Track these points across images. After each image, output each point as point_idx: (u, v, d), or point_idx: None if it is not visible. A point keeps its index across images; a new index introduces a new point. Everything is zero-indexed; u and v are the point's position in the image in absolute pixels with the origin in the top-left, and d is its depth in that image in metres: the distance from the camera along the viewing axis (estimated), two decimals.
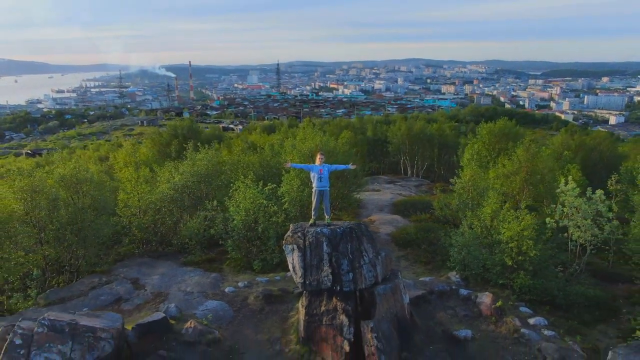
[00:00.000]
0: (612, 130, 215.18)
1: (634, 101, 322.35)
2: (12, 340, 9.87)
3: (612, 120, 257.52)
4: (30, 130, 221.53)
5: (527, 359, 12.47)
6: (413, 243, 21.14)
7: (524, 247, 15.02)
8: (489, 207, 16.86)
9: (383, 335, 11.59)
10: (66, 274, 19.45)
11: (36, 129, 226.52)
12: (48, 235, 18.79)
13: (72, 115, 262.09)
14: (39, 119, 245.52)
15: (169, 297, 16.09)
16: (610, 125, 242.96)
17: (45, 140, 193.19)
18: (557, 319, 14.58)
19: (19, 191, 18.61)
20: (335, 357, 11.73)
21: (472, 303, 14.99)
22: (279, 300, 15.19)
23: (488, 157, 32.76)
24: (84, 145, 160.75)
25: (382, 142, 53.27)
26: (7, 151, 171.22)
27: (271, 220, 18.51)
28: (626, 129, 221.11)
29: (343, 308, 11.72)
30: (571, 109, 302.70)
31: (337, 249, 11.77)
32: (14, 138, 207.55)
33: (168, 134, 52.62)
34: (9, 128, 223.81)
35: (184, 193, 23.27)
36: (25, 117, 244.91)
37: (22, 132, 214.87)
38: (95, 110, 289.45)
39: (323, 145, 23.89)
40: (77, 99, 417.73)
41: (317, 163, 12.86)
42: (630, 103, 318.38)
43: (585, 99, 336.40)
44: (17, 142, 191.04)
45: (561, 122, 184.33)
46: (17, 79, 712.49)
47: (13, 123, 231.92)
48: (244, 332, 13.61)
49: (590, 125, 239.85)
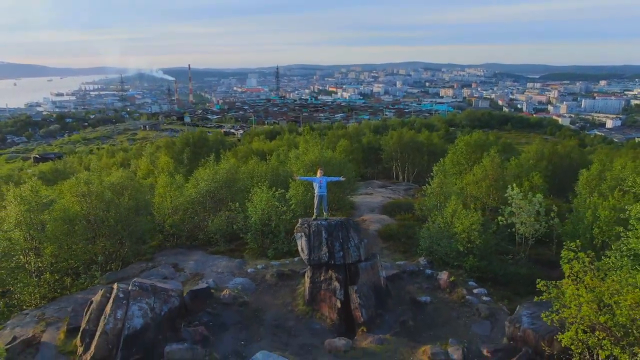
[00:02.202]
0: (609, 133, 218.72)
1: (631, 105, 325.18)
2: (117, 294, 14.89)
3: (609, 123, 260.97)
4: (32, 133, 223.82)
5: (467, 315, 17.51)
6: (394, 237, 26.23)
7: (472, 237, 20.09)
8: (450, 207, 21.90)
9: (364, 296, 16.63)
10: (117, 261, 24.47)
11: (37, 133, 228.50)
12: (104, 230, 23.81)
13: (73, 118, 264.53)
14: (39, 122, 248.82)
15: (204, 276, 21.11)
16: (607, 128, 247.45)
17: (50, 145, 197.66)
18: (496, 291, 19.60)
19: (80, 196, 23.68)
20: (331, 312, 16.74)
21: (434, 279, 20.02)
22: (289, 277, 20.21)
23: (465, 165, 37.87)
24: (90, 150, 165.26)
25: (376, 149, 58.33)
26: (15, 155, 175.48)
27: (281, 218, 23.62)
28: (622, 133, 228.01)
29: (336, 277, 16.79)
30: (568, 112, 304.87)
31: (332, 235, 16.79)
32: (16, 141, 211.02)
33: (181, 143, 57.70)
34: (10, 132, 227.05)
35: (207, 197, 28.33)
36: (26, 121, 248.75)
37: (23, 136, 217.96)
38: (96, 114, 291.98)
39: (322, 158, 28.88)
40: (77, 102, 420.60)
41: (318, 175, 17.99)
42: (627, 106, 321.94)
43: (583, 102, 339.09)
44: (24, 147, 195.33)
45: (555, 127, 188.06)
46: (16, 82, 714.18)
47: (14, 127, 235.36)
48: (264, 299, 18.64)
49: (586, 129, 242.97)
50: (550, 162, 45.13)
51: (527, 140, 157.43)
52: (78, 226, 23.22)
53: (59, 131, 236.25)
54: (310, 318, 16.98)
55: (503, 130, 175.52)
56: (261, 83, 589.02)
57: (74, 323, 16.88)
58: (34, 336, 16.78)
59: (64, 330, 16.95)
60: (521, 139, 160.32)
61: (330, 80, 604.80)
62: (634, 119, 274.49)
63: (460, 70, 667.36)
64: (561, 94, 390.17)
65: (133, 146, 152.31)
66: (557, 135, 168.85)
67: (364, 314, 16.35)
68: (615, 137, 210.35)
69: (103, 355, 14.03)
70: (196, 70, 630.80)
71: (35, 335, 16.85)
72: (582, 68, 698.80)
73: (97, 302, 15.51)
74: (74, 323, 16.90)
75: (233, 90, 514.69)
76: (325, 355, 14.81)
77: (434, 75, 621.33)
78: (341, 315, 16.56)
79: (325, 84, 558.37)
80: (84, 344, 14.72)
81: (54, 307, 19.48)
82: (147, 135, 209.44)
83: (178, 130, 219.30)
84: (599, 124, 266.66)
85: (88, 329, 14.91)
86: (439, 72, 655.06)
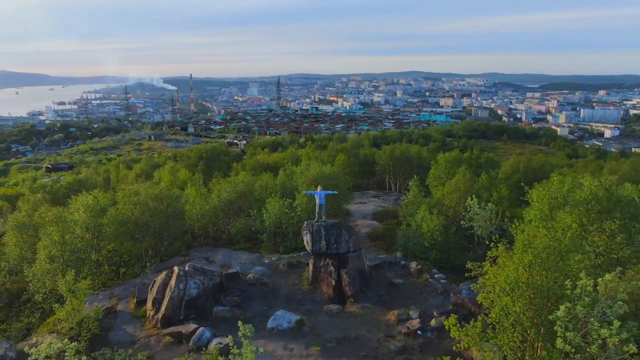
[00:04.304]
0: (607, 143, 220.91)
1: (630, 114, 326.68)
2: (179, 273, 21.30)
3: (607, 133, 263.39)
4: (36, 143, 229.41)
5: (428, 292, 23.90)
6: (380, 237, 32.72)
7: (435, 236, 26.54)
8: (420, 214, 28.36)
9: (352, 277, 23.04)
10: (159, 256, 30.87)
11: (41, 142, 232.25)
12: (149, 232, 30.22)
13: (76, 128, 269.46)
14: (43, 131, 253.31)
15: (231, 266, 27.52)
16: (605, 138, 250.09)
17: (60, 155, 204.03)
18: (453, 276, 25.96)
19: (132, 204, 30.16)
20: (328, 288, 23.11)
21: (406, 267, 26.44)
22: (296, 266, 26.64)
23: (444, 179, 44.27)
24: (99, 160, 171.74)
25: (371, 163, 64.89)
26: (27, 165, 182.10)
27: (289, 222, 30.11)
28: (620, 142, 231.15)
29: (332, 263, 23.20)
30: (567, 122, 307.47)
31: (329, 232, 23.19)
32: (20, 150, 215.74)
33: (195, 156, 64.23)
34: (14, 140, 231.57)
35: (229, 205, 34.80)
36: (31, 130, 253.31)
37: (27, 145, 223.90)
38: (99, 123, 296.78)
39: (321, 174, 35.30)
40: (79, 111, 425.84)
41: (318, 189, 24.48)
42: (625, 116, 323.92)
43: (582, 112, 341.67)
44: (34, 157, 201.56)
45: (550, 138, 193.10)
46: (18, 91, 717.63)
47: (18, 136, 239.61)
48: (278, 281, 25.05)
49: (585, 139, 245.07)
50: (524, 175, 51.52)
51: (521, 150, 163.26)
52: (129, 228, 29.66)
53: (63, 140, 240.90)
54: (313, 293, 23.39)
55: (499, 141, 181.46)
56: (262, 92, 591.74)
57: (140, 297, 23.37)
58: (112, 306, 23.20)
59: (134, 302, 23.42)
60: (516, 149, 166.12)
61: (331, 89, 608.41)
62: (632, 128, 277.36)
63: (460, 80, 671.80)
64: (560, 103, 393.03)
65: (141, 156, 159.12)
66: (551, 147, 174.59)
67: (352, 289, 22.76)
68: (614, 146, 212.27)
69: (170, 314, 20.43)
70: (197, 79, 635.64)
71: (112, 306, 23.27)
72: (581, 78, 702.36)
73: (161, 280, 21.94)
74: (140, 297, 23.39)
75: (234, 100, 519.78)
76: (324, 316, 21.21)
77: (434, 84, 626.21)
78: (335, 291, 22.93)
79: (326, 93, 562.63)
80: (155, 308, 21.14)
81: (118, 288, 25.96)
82: (153, 146, 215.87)
83: (182, 141, 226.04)
84: (597, 134, 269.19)
85: (157, 298, 21.33)
86: (439, 81, 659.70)
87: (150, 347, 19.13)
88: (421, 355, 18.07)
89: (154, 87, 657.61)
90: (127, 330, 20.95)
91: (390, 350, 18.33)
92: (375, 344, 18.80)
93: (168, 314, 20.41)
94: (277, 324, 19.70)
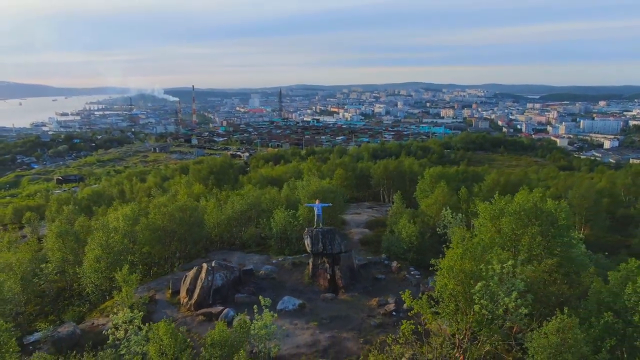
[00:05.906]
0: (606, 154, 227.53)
1: (630, 125, 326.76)
2: (208, 267, 27.24)
3: (607, 144, 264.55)
4: (41, 154, 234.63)
5: (405, 285, 29.68)
6: (369, 242, 38.66)
7: (412, 240, 32.47)
8: (401, 223, 34.29)
9: (343, 272, 28.94)
10: (183, 258, 36.78)
11: (46, 153, 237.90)
12: (176, 237, 36.15)
13: (80, 139, 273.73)
14: (48, 143, 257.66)
15: (246, 264, 33.42)
16: (605, 149, 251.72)
17: (69, 167, 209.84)
18: (426, 273, 31.73)
19: (163, 214, 36.14)
20: (324, 282, 29.00)
21: (389, 266, 32.35)
22: (299, 265, 32.57)
23: (429, 192, 50.17)
24: (107, 172, 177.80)
25: (367, 176, 70.92)
26: (37, 177, 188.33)
27: (293, 229, 36.07)
28: (619, 153, 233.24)
29: (327, 261, 29.14)
30: (567, 133, 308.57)
31: (325, 237, 29.09)
32: (25, 161, 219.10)
33: (206, 171, 70.23)
34: (19, 152, 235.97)
35: (241, 215, 40.77)
36: (35, 141, 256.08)
37: (32, 156, 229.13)
38: (102, 135, 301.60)
39: (320, 188, 41.29)
40: (82, 122, 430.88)
41: (317, 202, 30.48)
42: (625, 127, 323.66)
43: (582, 123, 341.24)
44: (44, 169, 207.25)
45: (546, 150, 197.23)
46: (22, 102, 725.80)
47: (23, 147, 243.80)
48: (285, 276, 30.98)
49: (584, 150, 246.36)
50: (503, 189, 57.31)
51: (517, 162, 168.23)
52: (159, 235, 35.59)
53: (67, 152, 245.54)
54: (312, 285, 29.33)
55: (496, 153, 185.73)
56: (263, 103, 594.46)
57: (174, 288, 29.33)
58: (152, 296, 29.12)
59: (169, 292, 29.37)
60: (512, 161, 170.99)
61: (332, 100, 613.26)
62: (632, 139, 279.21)
63: (461, 91, 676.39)
64: (560, 114, 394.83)
65: (148, 168, 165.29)
66: (547, 158, 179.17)
67: (343, 282, 28.67)
68: (612, 157, 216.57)
69: (201, 300, 26.36)
70: (199, 90, 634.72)
71: (152, 296, 29.19)
72: (582, 89, 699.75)
73: (193, 273, 27.91)
74: (173, 288, 29.35)
75: (236, 111, 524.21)
76: (321, 302, 27.12)
77: (434, 95, 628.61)
78: (330, 283, 28.85)
79: (327, 104, 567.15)
80: (188, 296, 27.07)
81: (153, 283, 31.91)
82: (158, 158, 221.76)
83: (186, 152, 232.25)
84: (597, 145, 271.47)
85: (190, 288, 27.26)
86: (440, 92, 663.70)
87: (187, 324, 25.04)
88: (393, 328, 23.95)
89: (155, 98, 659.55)
90: (166, 313, 26.83)
91: (370, 325, 24.25)
92: (360, 321, 24.74)
93: (199, 300, 26.34)
94: (285, 306, 25.69)
